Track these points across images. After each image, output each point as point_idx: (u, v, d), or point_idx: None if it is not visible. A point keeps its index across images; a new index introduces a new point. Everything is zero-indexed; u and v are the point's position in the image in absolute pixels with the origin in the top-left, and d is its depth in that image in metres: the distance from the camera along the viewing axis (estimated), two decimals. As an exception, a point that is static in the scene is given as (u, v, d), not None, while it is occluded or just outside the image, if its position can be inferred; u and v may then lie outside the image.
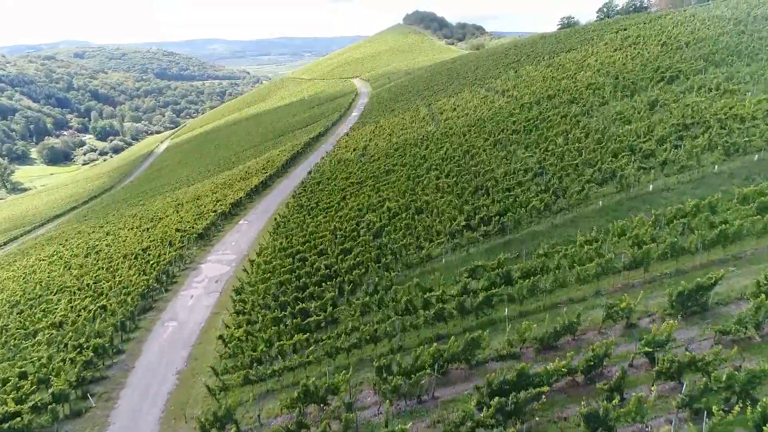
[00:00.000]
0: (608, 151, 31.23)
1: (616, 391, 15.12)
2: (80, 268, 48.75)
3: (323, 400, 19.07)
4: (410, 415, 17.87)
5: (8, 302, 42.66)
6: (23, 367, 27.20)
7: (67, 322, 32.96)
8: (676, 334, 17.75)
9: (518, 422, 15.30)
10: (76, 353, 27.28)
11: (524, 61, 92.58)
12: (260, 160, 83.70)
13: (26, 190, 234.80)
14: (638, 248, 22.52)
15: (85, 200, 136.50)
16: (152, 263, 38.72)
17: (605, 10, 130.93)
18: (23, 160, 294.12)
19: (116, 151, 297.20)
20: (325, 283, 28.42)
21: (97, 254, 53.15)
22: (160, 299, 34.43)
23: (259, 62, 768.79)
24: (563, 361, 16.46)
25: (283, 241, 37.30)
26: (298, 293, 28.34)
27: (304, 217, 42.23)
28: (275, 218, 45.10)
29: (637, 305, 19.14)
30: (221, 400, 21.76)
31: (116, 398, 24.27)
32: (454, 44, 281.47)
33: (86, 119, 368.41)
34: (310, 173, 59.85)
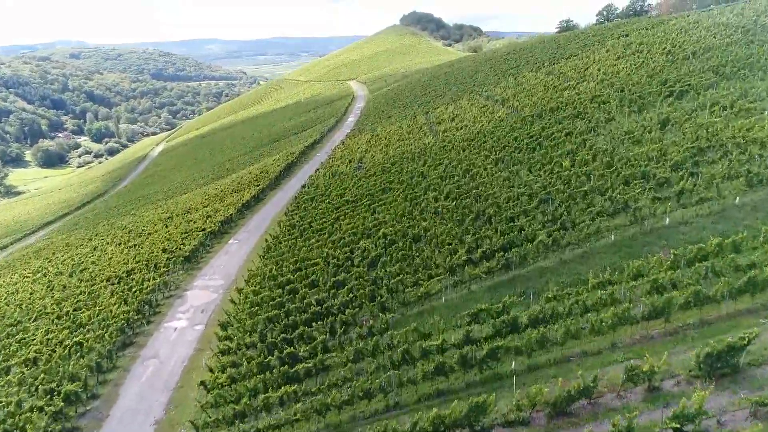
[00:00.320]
0: (619, 177, 29.25)
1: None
2: (62, 290, 46.72)
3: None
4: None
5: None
6: (-11, 414, 25.12)
7: (41, 358, 30.89)
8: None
9: None
10: (46, 400, 25.20)
11: (523, 67, 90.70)
12: (254, 169, 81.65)
13: (20, 193, 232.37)
14: (657, 293, 20.59)
15: (77, 206, 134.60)
16: (135, 290, 36.63)
17: (605, 13, 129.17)
18: (17, 162, 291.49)
19: (111, 153, 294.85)
20: (316, 322, 26.40)
21: (81, 273, 51.21)
22: (141, 332, 32.35)
23: (256, 62, 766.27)
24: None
25: (273, 267, 35.26)
26: (286, 333, 26.31)
27: (296, 239, 40.20)
28: (266, 239, 43.05)
29: (660, 366, 17.17)
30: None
31: (86, 456, 22.27)
32: (451, 45, 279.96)
33: (81, 121, 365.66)
34: (303, 187, 57.81)
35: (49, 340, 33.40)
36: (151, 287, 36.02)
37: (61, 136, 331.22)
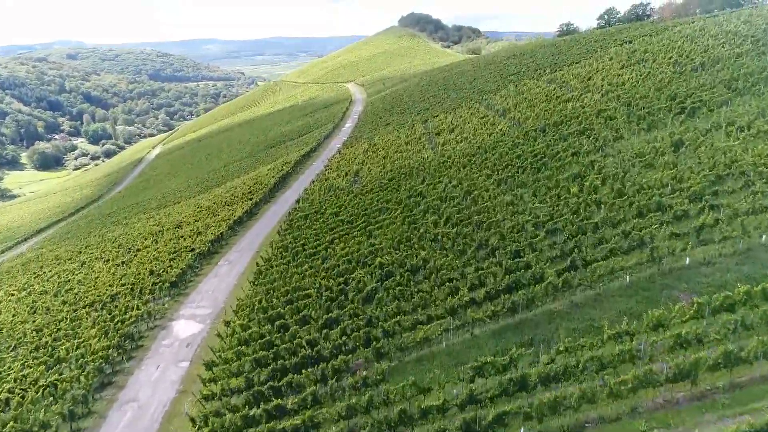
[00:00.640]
0: (632, 207, 27.28)
1: None
2: (46, 312, 44.77)
3: None
4: None
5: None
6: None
7: (13, 399, 28.87)
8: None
9: None
10: (13, 455, 23.22)
11: (524, 73, 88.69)
12: (248, 179, 79.60)
13: (15, 196, 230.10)
14: (681, 348, 18.66)
15: (71, 212, 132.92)
16: (117, 321, 34.60)
17: (606, 17, 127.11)
18: (13, 165, 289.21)
19: (108, 155, 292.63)
20: (306, 368, 24.38)
21: (66, 293, 49.28)
22: (121, 370, 30.32)
23: (254, 62, 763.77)
24: None
25: (263, 297, 33.25)
26: (274, 380, 24.30)
27: (288, 263, 38.19)
28: (257, 262, 41.01)
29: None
30: None
31: None
32: (450, 47, 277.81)
33: (78, 122, 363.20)
34: (298, 202, 55.79)
35: (24, 377, 31.39)
36: (133, 319, 33.96)
37: (57, 138, 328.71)
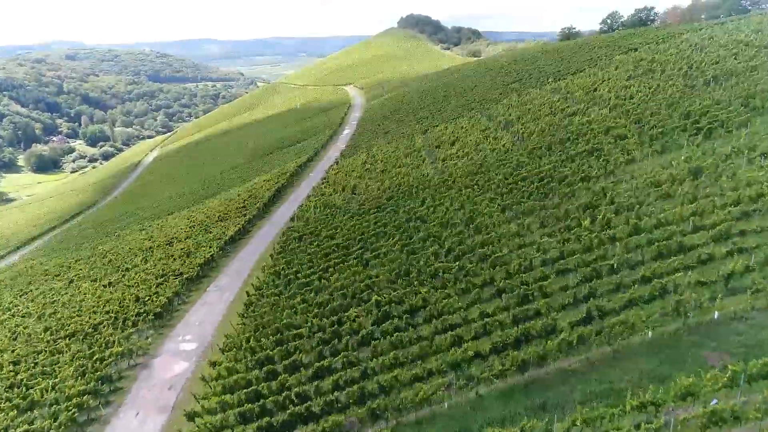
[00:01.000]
0: (651, 247, 25.08)
1: None
2: (27, 340, 42.72)
3: None
4: None
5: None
6: None
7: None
8: None
9: None
10: None
11: (526, 81, 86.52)
12: (243, 190, 77.44)
13: (12, 200, 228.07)
14: (715, 425, 16.48)
15: (66, 218, 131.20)
16: (96, 359, 32.41)
17: (609, 21, 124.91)
18: (10, 167, 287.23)
19: (106, 157, 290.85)
20: (294, 428, 22.20)
21: (50, 317, 47.29)
22: (96, 419, 28.13)
23: (253, 62, 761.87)
24: None
25: (251, 336, 31.07)
26: (259, 442, 22.14)
27: (279, 293, 36.03)
28: (247, 291, 38.81)
29: None
30: None
31: None
32: (449, 49, 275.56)
33: (76, 124, 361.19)
34: (292, 220, 53.61)
35: (-7, 423, 29.24)
36: (113, 358, 31.76)
37: (55, 140, 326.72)
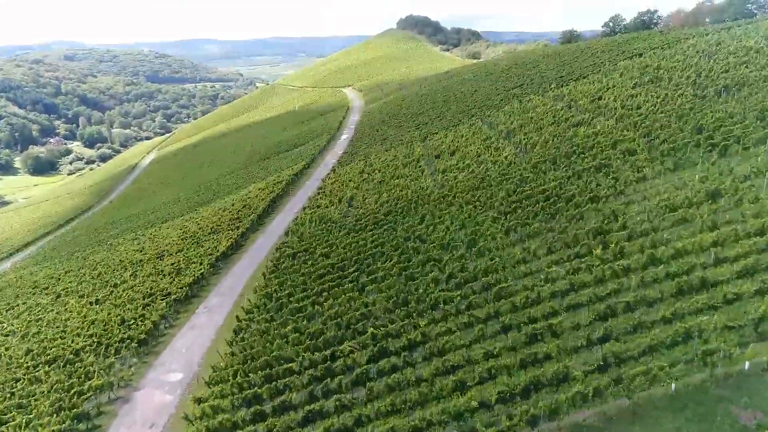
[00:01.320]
0: (669, 280, 23.24)
1: None
2: (7, 365, 40.92)
3: None
4: None
5: None
6: None
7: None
8: None
9: None
10: None
11: (527, 86, 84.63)
12: (238, 199, 75.62)
13: (8, 203, 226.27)
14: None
15: (60, 223, 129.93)
16: (74, 392, 30.54)
17: (611, 24, 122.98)
18: (6, 170, 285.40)
19: (104, 159, 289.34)
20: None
21: (33, 337, 45.57)
22: (71, 462, 26.32)
23: (253, 63, 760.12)
24: None
25: (240, 369, 29.21)
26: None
27: (271, 319, 34.19)
28: (237, 315, 36.92)
29: None
30: None
31: None
32: (449, 50, 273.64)
33: (74, 125, 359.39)
34: (287, 234, 51.75)
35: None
36: (92, 392, 29.91)
37: (52, 141, 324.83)
